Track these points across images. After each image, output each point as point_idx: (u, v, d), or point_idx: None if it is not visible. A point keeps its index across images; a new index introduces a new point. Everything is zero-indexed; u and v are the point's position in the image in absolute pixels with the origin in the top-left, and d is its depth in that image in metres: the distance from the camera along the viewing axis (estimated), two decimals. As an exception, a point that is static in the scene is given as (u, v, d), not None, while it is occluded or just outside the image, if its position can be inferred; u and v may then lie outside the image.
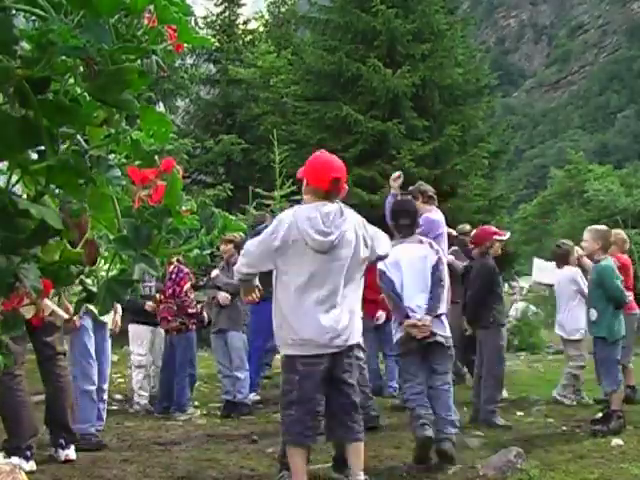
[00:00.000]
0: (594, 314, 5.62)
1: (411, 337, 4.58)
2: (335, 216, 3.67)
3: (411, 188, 6.36)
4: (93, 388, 5.15)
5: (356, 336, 3.77)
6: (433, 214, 6.19)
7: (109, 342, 5.47)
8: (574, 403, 6.82)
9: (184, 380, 6.50)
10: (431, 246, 4.81)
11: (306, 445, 3.72)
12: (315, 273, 3.62)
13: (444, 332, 4.65)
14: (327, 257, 3.63)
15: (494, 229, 6.48)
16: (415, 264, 4.67)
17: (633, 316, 6.82)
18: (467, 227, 7.92)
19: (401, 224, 4.88)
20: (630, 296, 6.45)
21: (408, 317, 4.58)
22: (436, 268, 4.65)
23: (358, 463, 3.72)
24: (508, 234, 6.65)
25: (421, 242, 4.83)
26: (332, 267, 3.65)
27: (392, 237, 4.63)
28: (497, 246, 6.16)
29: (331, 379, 3.70)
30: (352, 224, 3.73)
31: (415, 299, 4.61)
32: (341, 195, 3.82)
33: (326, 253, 3.63)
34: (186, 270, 6.62)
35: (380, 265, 4.58)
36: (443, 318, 4.68)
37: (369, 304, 6.98)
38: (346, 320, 3.67)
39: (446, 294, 4.75)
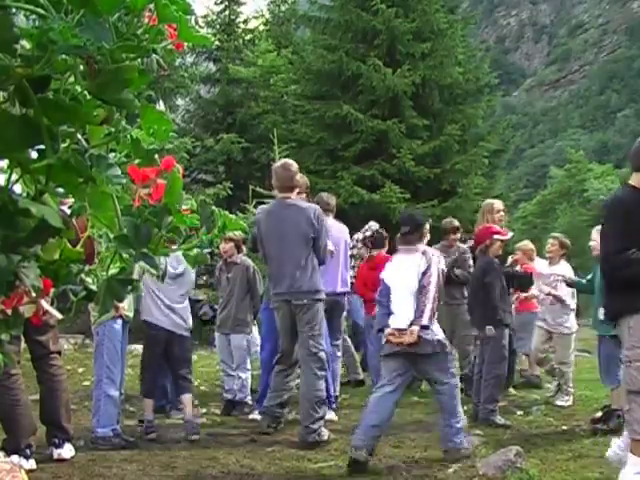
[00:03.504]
0: (603, 312, 5.62)
1: (393, 344, 4.66)
2: None
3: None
4: (117, 394, 5.16)
5: None
6: None
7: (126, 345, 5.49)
8: None
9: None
10: (423, 254, 4.81)
11: None
12: None
13: (431, 339, 4.63)
14: None
15: (496, 228, 6.37)
16: (403, 274, 4.75)
17: (534, 314, 7.40)
18: (455, 223, 7.59)
19: (401, 232, 4.99)
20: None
21: (387, 326, 4.68)
22: (422, 277, 4.67)
23: None
24: (510, 234, 6.60)
25: (416, 251, 4.84)
26: None
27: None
28: (497, 245, 6.09)
29: None
30: None
31: (400, 308, 4.68)
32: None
33: None
34: None
35: (382, 274, 4.90)
36: (430, 326, 4.65)
37: (370, 304, 7.00)
38: None
39: (431, 304, 4.67)
